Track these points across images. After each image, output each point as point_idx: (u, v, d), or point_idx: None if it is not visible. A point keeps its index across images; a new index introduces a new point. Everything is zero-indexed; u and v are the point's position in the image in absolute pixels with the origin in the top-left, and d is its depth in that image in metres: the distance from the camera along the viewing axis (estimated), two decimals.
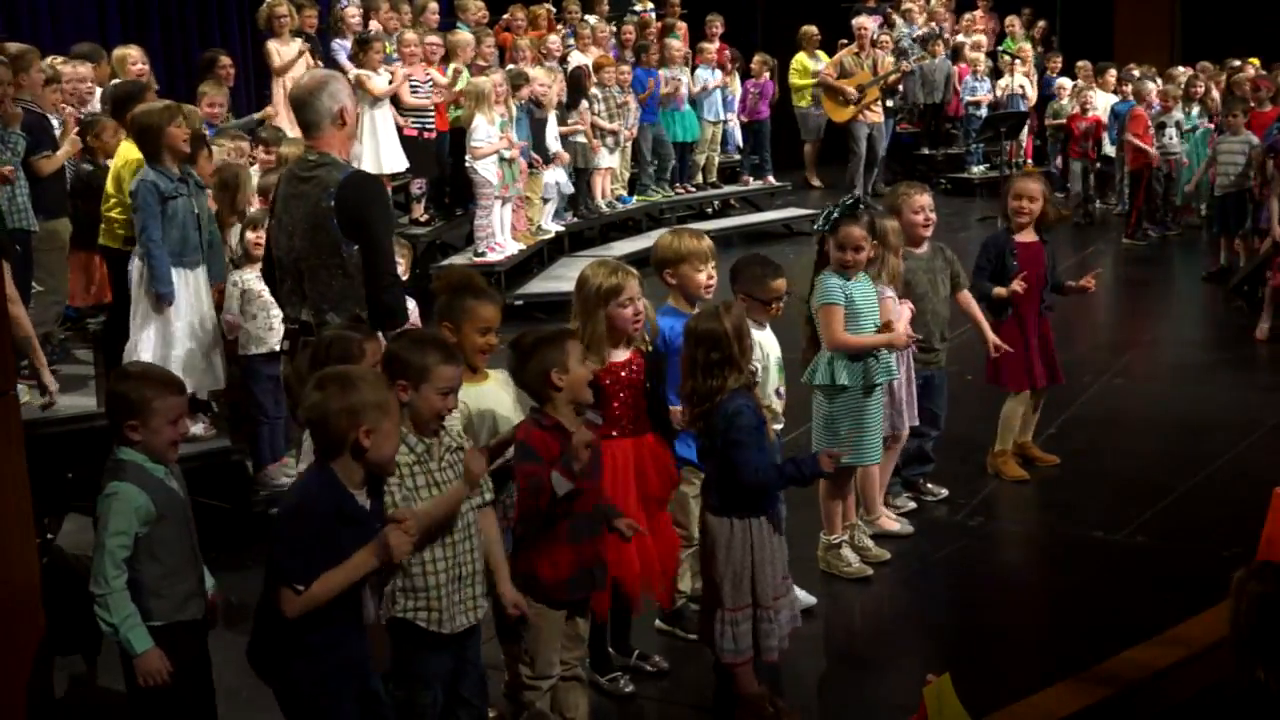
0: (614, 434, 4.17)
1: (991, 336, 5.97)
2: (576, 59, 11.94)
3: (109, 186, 6.12)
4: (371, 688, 3.36)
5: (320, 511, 3.15)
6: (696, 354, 3.96)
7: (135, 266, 5.67)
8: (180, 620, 3.45)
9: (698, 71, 13.07)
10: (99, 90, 7.82)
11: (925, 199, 5.75)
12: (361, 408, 3.13)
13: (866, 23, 13.81)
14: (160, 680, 3.35)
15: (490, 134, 9.57)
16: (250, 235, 5.62)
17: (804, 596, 4.84)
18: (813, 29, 14.58)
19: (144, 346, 5.59)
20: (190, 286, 5.70)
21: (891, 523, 5.63)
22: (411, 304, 5.43)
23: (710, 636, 4.03)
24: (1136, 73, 13.19)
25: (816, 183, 15.05)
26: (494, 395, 3.98)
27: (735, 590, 3.94)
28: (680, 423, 4.28)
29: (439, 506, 3.43)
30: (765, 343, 4.65)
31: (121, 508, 3.32)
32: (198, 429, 5.85)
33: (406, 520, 3.22)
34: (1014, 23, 15.72)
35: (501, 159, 9.72)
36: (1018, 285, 5.96)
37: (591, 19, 13.12)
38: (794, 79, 14.55)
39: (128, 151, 6.03)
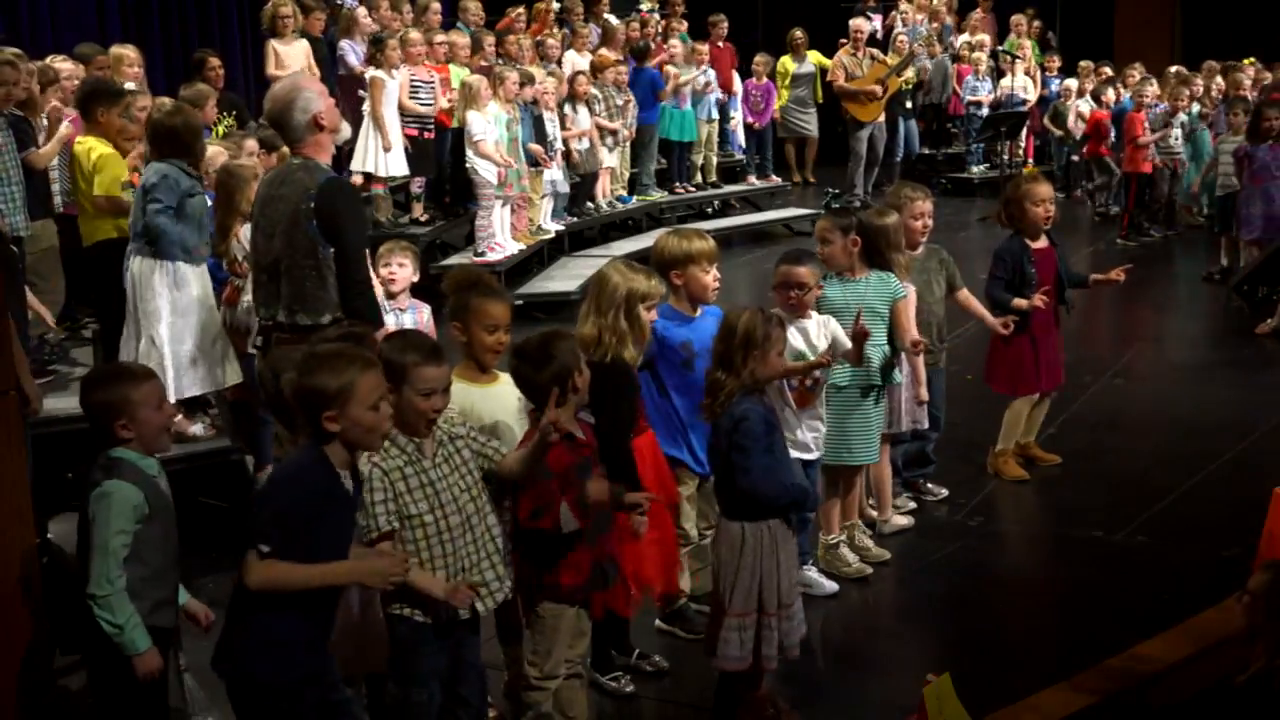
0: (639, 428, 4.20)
1: (994, 321, 5.86)
2: (572, 59, 11.94)
3: (82, 185, 6.15)
4: (334, 699, 3.32)
5: (311, 488, 3.15)
6: (717, 344, 3.99)
7: (135, 264, 5.65)
8: (151, 626, 3.39)
9: (692, 70, 13.08)
10: None
11: (928, 205, 5.75)
12: (322, 391, 3.12)
13: (862, 24, 13.81)
14: (156, 676, 3.35)
15: (485, 128, 9.57)
16: None
17: (828, 584, 5.03)
18: (798, 32, 14.63)
19: (161, 340, 5.58)
20: (200, 283, 5.70)
21: (901, 518, 5.69)
22: (427, 313, 5.43)
23: (713, 640, 3.98)
24: (1137, 74, 13.19)
25: (796, 179, 15.09)
26: (502, 399, 3.94)
27: (744, 595, 3.91)
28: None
29: (419, 580, 3.38)
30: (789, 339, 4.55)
31: (120, 506, 3.30)
32: (197, 429, 5.85)
33: (398, 563, 3.23)
34: (1021, 22, 15.75)
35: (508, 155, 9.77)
36: (1039, 301, 5.88)
37: (612, 19, 13.13)
38: (777, 81, 14.59)
39: (97, 145, 6.08)
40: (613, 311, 4.17)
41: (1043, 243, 6.10)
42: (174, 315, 5.60)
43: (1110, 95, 13.32)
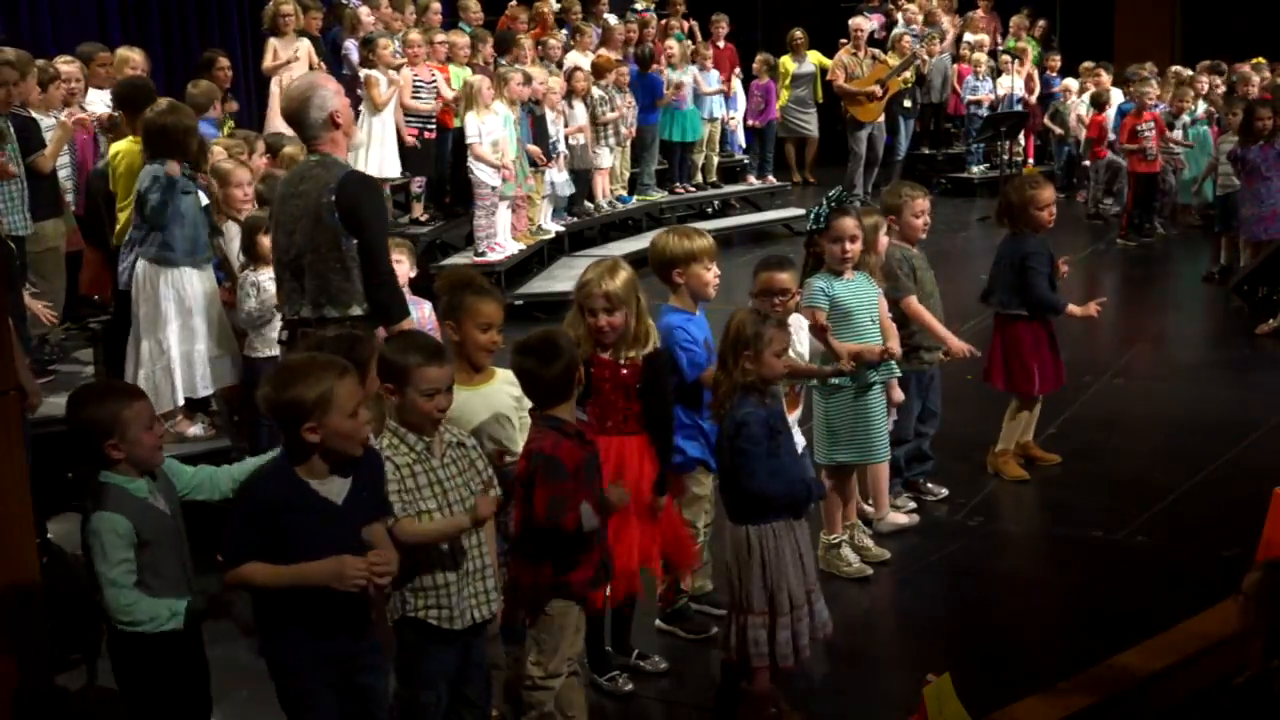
0: (607, 427, 4.18)
1: (945, 333, 5.71)
2: (573, 59, 11.94)
3: (119, 190, 6.14)
4: (360, 683, 3.36)
5: (262, 498, 3.21)
6: (719, 344, 4.00)
7: (139, 268, 5.65)
8: (168, 630, 3.36)
9: (691, 70, 13.08)
10: (92, 92, 7.84)
11: (927, 202, 5.78)
12: (300, 403, 3.10)
13: (862, 23, 13.81)
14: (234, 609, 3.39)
15: (480, 131, 9.57)
16: (265, 239, 5.59)
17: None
18: (797, 32, 14.64)
19: (170, 344, 5.58)
20: (204, 283, 5.71)
21: (901, 516, 5.68)
22: (427, 308, 5.44)
23: (737, 640, 3.97)
24: (1144, 73, 13.19)
25: (796, 179, 15.10)
26: (497, 397, 3.96)
27: (761, 596, 3.92)
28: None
29: (441, 532, 3.42)
30: None
31: (110, 539, 3.23)
32: (197, 429, 5.85)
33: (384, 561, 3.22)
34: (1020, 23, 15.78)
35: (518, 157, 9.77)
36: (1094, 310, 5.96)
37: (612, 19, 13.14)
38: (777, 81, 14.61)
39: (134, 152, 6.06)
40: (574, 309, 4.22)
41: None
42: (182, 317, 5.61)
43: (1114, 98, 13.32)
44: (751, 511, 3.91)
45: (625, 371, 4.20)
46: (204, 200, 5.92)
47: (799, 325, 4.82)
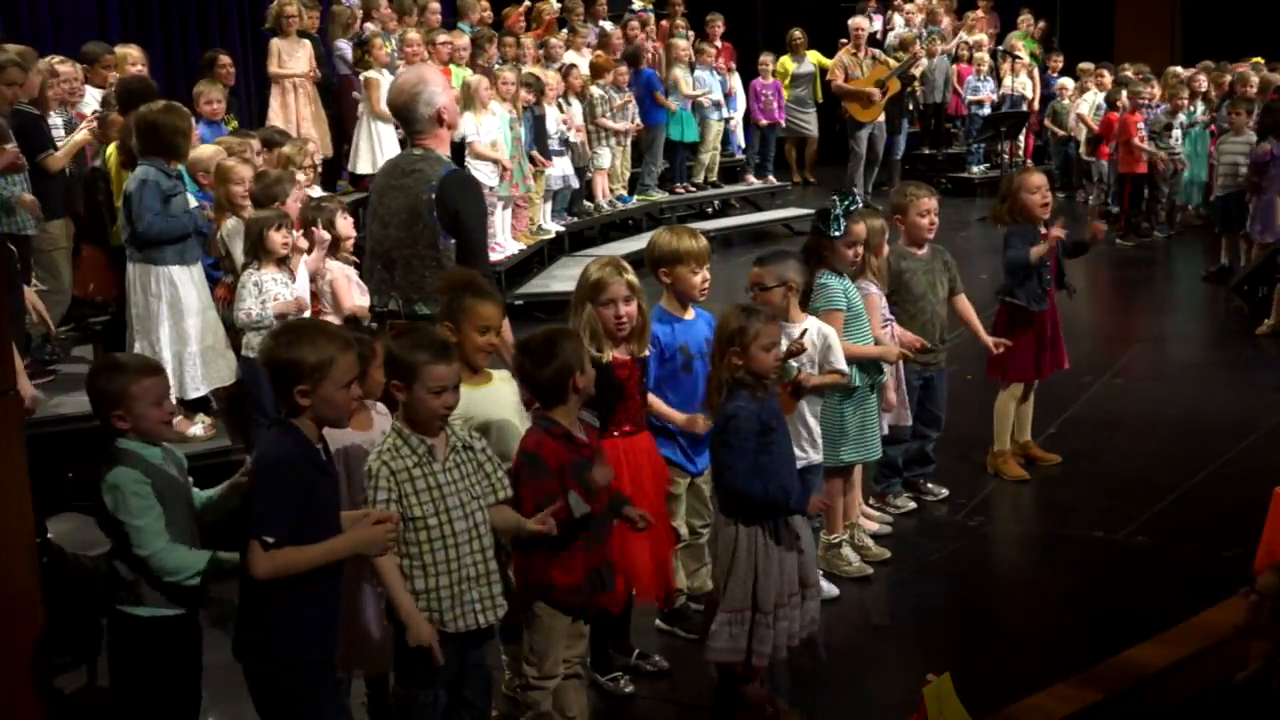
0: (627, 431, 4.19)
1: (987, 338, 5.91)
2: (570, 59, 11.94)
3: (116, 190, 6.15)
4: (335, 676, 3.43)
5: (298, 469, 3.19)
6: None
7: (129, 269, 5.65)
8: (168, 615, 3.40)
9: (696, 73, 13.08)
10: (91, 91, 7.83)
11: (932, 202, 5.75)
12: (299, 364, 3.15)
13: (863, 23, 13.80)
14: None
15: (477, 131, 9.56)
16: (275, 235, 5.55)
17: (828, 587, 4.93)
18: (797, 32, 14.64)
19: (162, 345, 5.59)
20: (195, 283, 5.71)
21: (870, 523, 5.63)
22: None
23: (707, 632, 4.00)
24: (1134, 75, 13.17)
25: (796, 179, 15.09)
26: (497, 398, 3.95)
27: (739, 593, 3.91)
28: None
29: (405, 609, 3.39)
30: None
31: (129, 486, 3.31)
32: (196, 429, 5.85)
33: (389, 520, 3.27)
34: (1027, 22, 15.78)
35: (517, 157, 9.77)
36: (1058, 231, 5.95)
37: (607, 24, 13.13)
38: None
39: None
40: (577, 307, 4.21)
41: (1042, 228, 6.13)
42: (174, 318, 5.61)
43: (1124, 98, 13.30)
44: (738, 509, 3.89)
45: (627, 373, 4.20)
46: (193, 202, 5.91)
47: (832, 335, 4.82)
